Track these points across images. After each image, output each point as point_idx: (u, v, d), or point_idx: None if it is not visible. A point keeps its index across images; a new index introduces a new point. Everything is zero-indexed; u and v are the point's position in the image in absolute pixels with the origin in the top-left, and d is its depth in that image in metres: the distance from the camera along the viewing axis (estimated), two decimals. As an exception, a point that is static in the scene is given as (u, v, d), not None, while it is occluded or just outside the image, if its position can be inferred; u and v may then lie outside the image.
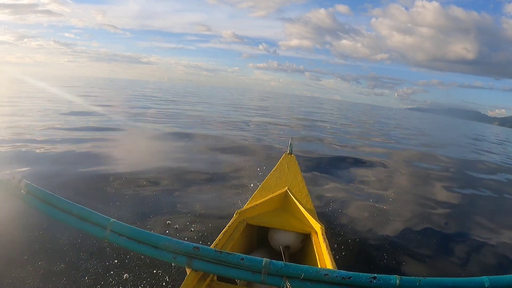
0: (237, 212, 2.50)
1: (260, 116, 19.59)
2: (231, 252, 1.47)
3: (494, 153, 16.53)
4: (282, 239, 2.56)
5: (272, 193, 2.85)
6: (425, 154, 12.23)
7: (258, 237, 2.79)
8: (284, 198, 2.85)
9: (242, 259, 1.42)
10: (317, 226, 2.41)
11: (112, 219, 1.46)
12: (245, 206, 2.64)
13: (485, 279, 1.35)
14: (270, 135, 11.67)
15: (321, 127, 16.72)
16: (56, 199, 1.47)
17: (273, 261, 1.42)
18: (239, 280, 1.98)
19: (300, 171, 3.39)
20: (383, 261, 3.40)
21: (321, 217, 2.69)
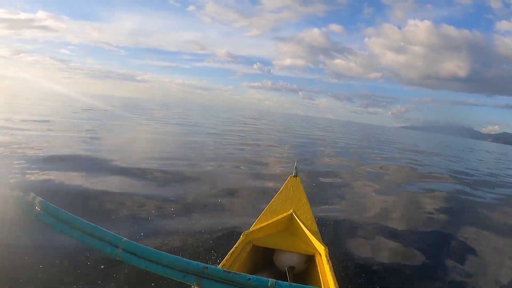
0: (244, 233, 2.56)
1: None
2: (239, 273, 1.48)
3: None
4: (287, 260, 2.62)
5: (278, 216, 2.91)
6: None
7: (264, 258, 2.84)
8: (289, 220, 2.91)
9: (249, 279, 1.44)
10: (321, 248, 2.47)
11: (124, 238, 1.50)
12: (251, 228, 2.70)
13: None
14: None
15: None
16: (70, 217, 1.50)
17: (279, 281, 1.44)
18: None
19: (304, 193, 3.44)
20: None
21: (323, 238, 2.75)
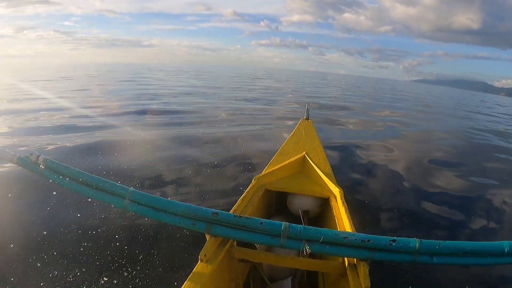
0: (255, 177, 2.48)
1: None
2: (250, 217, 1.47)
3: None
4: (300, 203, 2.55)
5: (290, 158, 2.81)
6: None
7: (277, 203, 2.78)
8: (302, 163, 2.83)
9: (261, 223, 1.43)
10: (335, 190, 2.39)
11: (130, 189, 1.48)
12: (263, 172, 2.61)
13: (505, 243, 1.35)
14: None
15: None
16: (75, 172, 1.50)
17: (292, 224, 1.42)
18: (258, 245, 1.98)
19: (317, 136, 3.35)
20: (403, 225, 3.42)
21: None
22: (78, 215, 3.11)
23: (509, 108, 29.81)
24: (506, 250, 1.33)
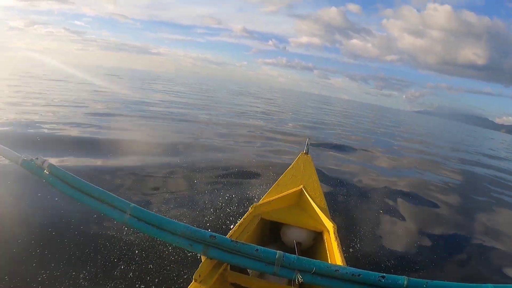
0: (253, 206, 2.54)
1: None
2: (246, 243, 1.49)
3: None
4: (294, 235, 2.60)
5: (287, 190, 2.89)
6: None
7: (271, 232, 2.83)
8: (299, 196, 2.89)
9: (257, 250, 1.45)
10: (329, 225, 2.45)
11: (132, 204, 1.48)
12: (261, 201, 2.69)
13: (489, 286, 1.35)
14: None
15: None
16: (78, 181, 1.50)
17: (287, 254, 1.45)
18: (251, 271, 2.03)
19: (315, 171, 3.44)
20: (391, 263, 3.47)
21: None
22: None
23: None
24: None
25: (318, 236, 2.58)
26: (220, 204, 4.17)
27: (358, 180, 6.67)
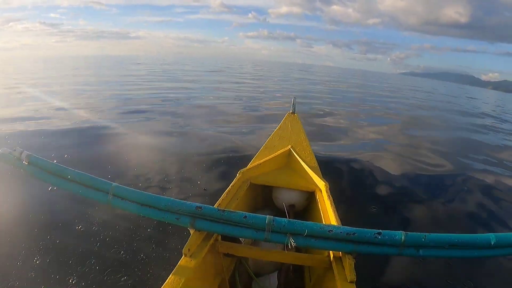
0: (240, 171, 2.46)
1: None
2: (234, 211, 1.46)
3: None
4: (286, 197, 2.54)
5: (275, 152, 2.79)
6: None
7: (262, 197, 2.77)
8: (288, 157, 2.81)
9: (245, 217, 1.42)
10: (321, 183, 2.38)
11: (114, 183, 1.46)
12: (249, 166, 2.59)
13: (491, 236, 1.36)
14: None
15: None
16: (58, 167, 1.48)
17: (277, 218, 1.42)
18: (243, 240, 1.98)
19: (303, 129, 3.34)
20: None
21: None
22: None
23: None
24: (492, 243, 1.34)
25: (310, 196, 2.52)
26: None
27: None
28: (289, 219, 1.43)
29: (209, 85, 17.69)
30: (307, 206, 2.58)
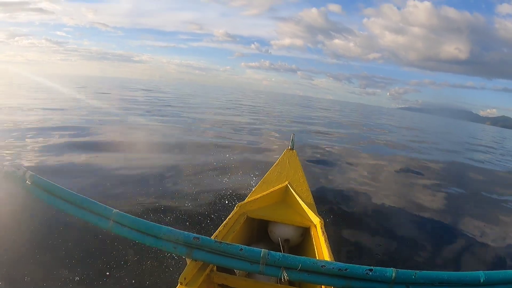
0: (238, 205, 2.51)
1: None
2: (230, 243, 1.48)
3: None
4: (281, 232, 2.57)
5: (273, 187, 2.86)
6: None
7: (258, 230, 2.80)
8: (285, 192, 2.87)
9: (241, 249, 1.44)
10: (316, 220, 2.42)
11: (115, 210, 1.48)
12: (246, 200, 2.65)
13: (480, 274, 1.36)
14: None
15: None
16: (61, 190, 1.48)
17: (272, 252, 1.44)
18: (238, 271, 1.99)
19: (301, 166, 3.41)
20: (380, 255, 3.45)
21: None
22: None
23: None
24: (481, 280, 1.34)
25: (305, 232, 2.56)
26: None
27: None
28: (284, 254, 1.44)
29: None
30: (302, 241, 2.61)
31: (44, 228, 3.05)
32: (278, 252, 1.46)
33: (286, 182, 2.90)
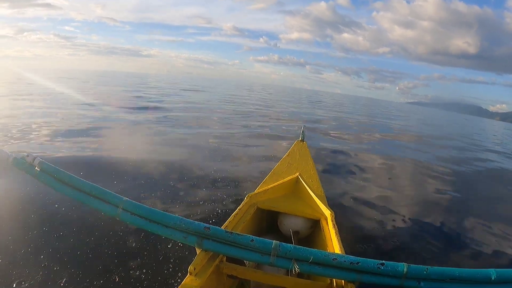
0: (248, 195, 2.51)
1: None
2: (241, 233, 1.49)
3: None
4: (291, 224, 2.57)
5: (283, 179, 2.85)
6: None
7: (268, 222, 2.80)
8: (295, 184, 2.86)
9: (252, 240, 1.44)
10: (327, 212, 2.42)
11: (124, 198, 1.49)
12: (256, 190, 2.65)
13: (491, 271, 1.36)
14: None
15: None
16: (69, 177, 1.50)
17: (283, 243, 1.44)
18: (247, 262, 2.00)
19: (311, 158, 3.41)
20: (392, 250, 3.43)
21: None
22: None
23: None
24: (493, 278, 1.35)
25: (315, 224, 2.55)
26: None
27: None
28: (295, 245, 1.45)
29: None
30: (311, 233, 2.60)
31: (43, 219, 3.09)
32: (290, 244, 1.46)
33: (297, 174, 2.89)
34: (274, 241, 1.44)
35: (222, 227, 1.88)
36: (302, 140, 3.81)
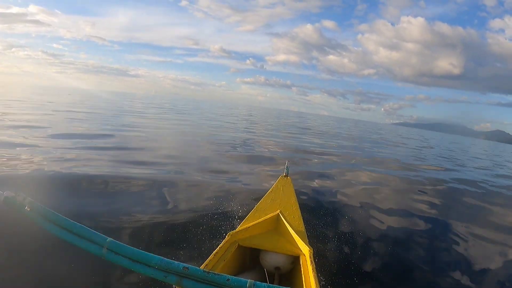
0: (230, 233, 2.57)
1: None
2: (218, 273, 1.52)
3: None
4: (273, 260, 2.63)
5: (265, 215, 2.92)
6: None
7: (251, 258, 2.85)
8: (276, 221, 2.92)
9: (228, 280, 1.48)
10: (305, 249, 2.49)
11: (109, 238, 1.53)
12: (238, 228, 2.71)
13: None
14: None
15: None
16: (57, 217, 1.54)
17: (257, 282, 1.48)
18: None
19: (294, 193, 3.47)
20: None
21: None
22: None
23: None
24: None
25: (297, 260, 2.60)
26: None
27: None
28: (269, 284, 1.48)
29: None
30: (293, 269, 2.66)
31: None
32: (264, 283, 1.49)
33: (278, 211, 2.96)
34: (249, 280, 1.48)
35: (202, 266, 1.94)
36: (286, 176, 3.84)
